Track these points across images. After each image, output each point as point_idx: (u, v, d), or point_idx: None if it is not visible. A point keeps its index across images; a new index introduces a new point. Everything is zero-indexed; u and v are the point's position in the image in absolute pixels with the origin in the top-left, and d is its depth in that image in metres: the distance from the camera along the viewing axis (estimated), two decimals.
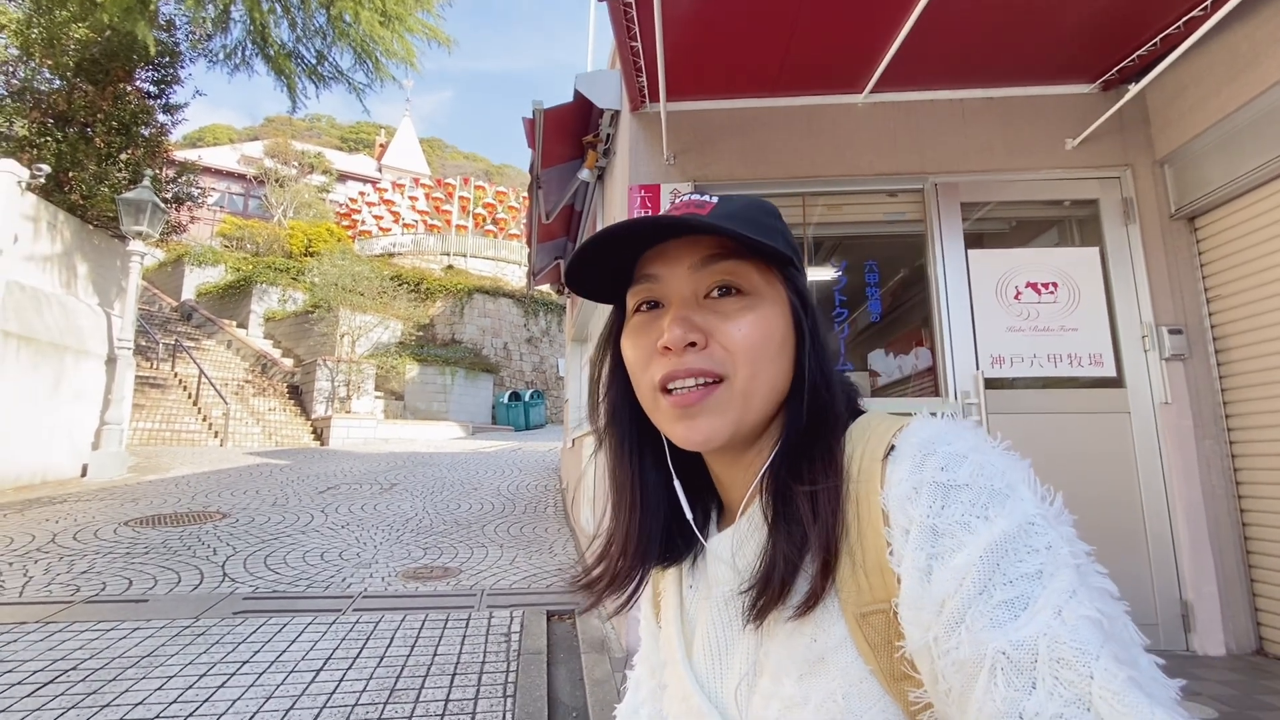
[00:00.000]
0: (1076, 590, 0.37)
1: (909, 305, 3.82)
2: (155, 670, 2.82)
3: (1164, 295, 3.07)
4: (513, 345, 19.87)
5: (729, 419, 0.51)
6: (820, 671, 0.46)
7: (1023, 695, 0.35)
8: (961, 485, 0.42)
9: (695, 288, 0.54)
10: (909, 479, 0.44)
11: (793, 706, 0.47)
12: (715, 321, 0.52)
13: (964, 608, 0.38)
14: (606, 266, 0.57)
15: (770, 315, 0.53)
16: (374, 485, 7.86)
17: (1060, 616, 0.36)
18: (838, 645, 0.46)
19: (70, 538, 5.06)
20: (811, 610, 0.47)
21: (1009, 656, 0.36)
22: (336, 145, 44.44)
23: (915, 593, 0.41)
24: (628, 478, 0.61)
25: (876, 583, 0.45)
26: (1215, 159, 2.89)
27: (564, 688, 2.80)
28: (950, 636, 0.39)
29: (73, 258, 8.57)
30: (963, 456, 0.44)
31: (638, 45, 2.84)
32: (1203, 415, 2.97)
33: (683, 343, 0.51)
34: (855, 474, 0.48)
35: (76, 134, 8.75)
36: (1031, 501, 0.41)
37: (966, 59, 3.10)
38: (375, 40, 10.35)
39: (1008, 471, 0.43)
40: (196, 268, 19.49)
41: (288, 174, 29.69)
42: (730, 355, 0.51)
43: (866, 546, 0.46)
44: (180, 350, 13.84)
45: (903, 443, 0.47)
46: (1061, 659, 0.35)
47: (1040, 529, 0.40)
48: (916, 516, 0.42)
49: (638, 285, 0.56)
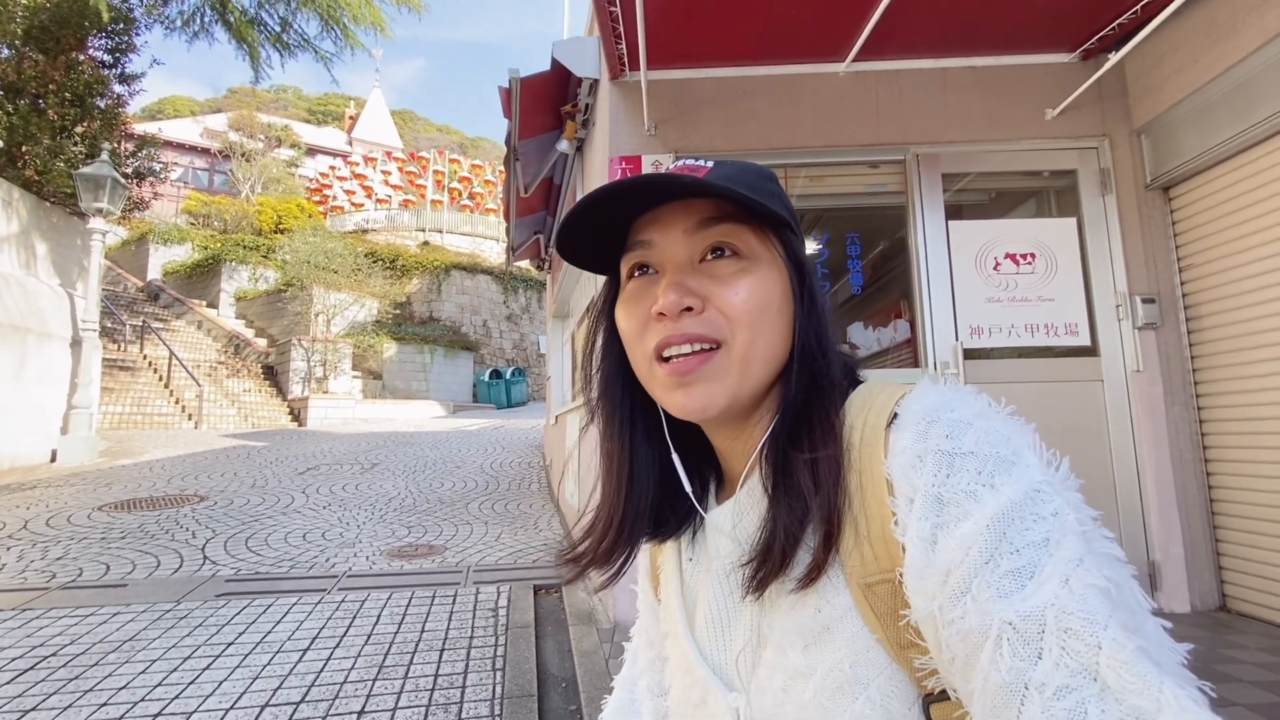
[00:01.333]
0: (1083, 558, 0.36)
1: (889, 277, 3.84)
2: (138, 654, 2.79)
3: (1138, 265, 3.13)
4: (492, 322, 19.68)
5: (727, 386, 0.50)
6: (826, 641, 0.46)
7: (1028, 666, 0.35)
8: (967, 453, 0.41)
9: (690, 252, 0.52)
10: (913, 447, 0.43)
11: (798, 677, 0.47)
12: (711, 286, 0.51)
13: (970, 577, 0.38)
14: (598, 233, 0.55)
15: (768, 279, 0.51)
16: (355, 465, 7.79)
17: (1068, 585, 0.35)
18: (843, 615, 0.45)
19: (43, 524, 4.95)
20: (814, 582, 0.46)
21: (1015, 627, 0.35)
22: (304, 118, 42.95)
23: (920, 562, 0.41)
24: (619, 451, 0.60)
25: (881, 552, 0.44)
26: (1190, 129, 2.92)
27: (552, 659, 2.84)
28: (955, 606, 0.38)
29: (30, 237, 8.24)
30: (967, 423, 0.43)
31: (616, 10, 2.77)
32: (1173, 382, 3.05)
33: (678, 308, 0.50)
34: (857, 442, 0.47)
35: (28, 106, 8.34)
36: (1037, 468, 0.41)
37: (948, 27, 3.07)
38: (342, 6, 9.98)
39: (1013, 438, 0.42)
40: (162, 246, 18.86)
41: (254, 148, 28.65)
42: (728, 320, 0.50)
43: (870, 516, 0.45)
44: (149, 332, 13.45)
45: (906, 410, 0.46)
46: (1069, 629, 0.34)
47: (1046, 496, 0.39)
48: (921, 485, 0.42)
49: (631, 251, 0.55)
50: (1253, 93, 2.62)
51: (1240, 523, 2.85)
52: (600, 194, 0.50)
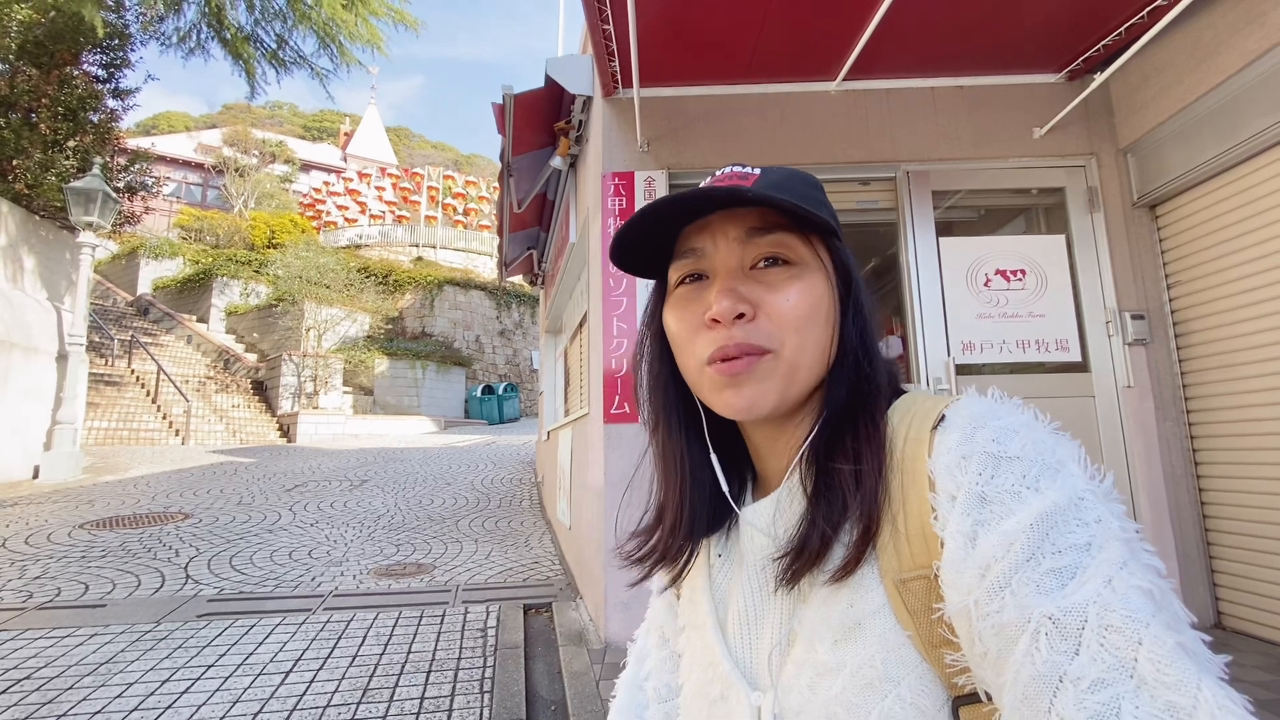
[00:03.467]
0: (1127, 562, 0.37)
1: (881, 294, 3.85)
2: (115, 677, 2.72)
3: (1127, 282, 3.15)
4: (485, 338, 19.62)
5: (774, 387, 0.51)
6: (856, 637, 0.46)
7: (1065, 659, 0.35)
8: (1013, 457, 0.42)
9: (741, 260, 0.54)
10: (958, 448, 0.44)
11: (826, 673, 0.47)
12: (762, 292, 0.52)
13: (1010, 573, 0.38)
14: (649, 242, 0.57)
15: (817, 285, 0.53)
16: (344, 482, 7.70)
17: (1111, 585, 0.36)
18: (875, 611, 0.46)
19: (22, 542, 4.85)
20: (849, 575, 0.47)
21: (1055, 621, 0.36)
22: (299, 134, 43.11)
23: (958, 556, 0.41)
24: (676, 452, 0.61)
25: (919, 549, 0.45)
26: (1175, 148, 2.96)
27: (542, 681, 2.78)
28: (993, 600, 0.39)
29: (18, 250, 8.18)
30: (1014, 431, 0.44)
31: (609, 28, 2.79)
32: (1163, 398, 3.06)
33: (731, 314, 0.51)
34: (900, 444, 0.48)
35: (20, 120, 8.32)
36: (1082, 478, 0.41)
37: (937, 48, 3.11)
38: (339, 24, 10.05)
39: (1059, 448, 0.43)
40: (153, 260, 18.74)
41: (248, 163, 28.66)
42: (778, 327, 0.51)
43: (910, 512, 0.46)
44: (137, 346, 13.32)
45: (953, 414, 0.47)
46: (1110, 625, 0.35)
47: (1090, 503, 0.40)
48: (965, 483, 0.42)
49: (681, 259, 0.56)
50: (1236, 112, 2.66)
51: (1234, 539, 2.84)
52: (657, 208, 0.52)
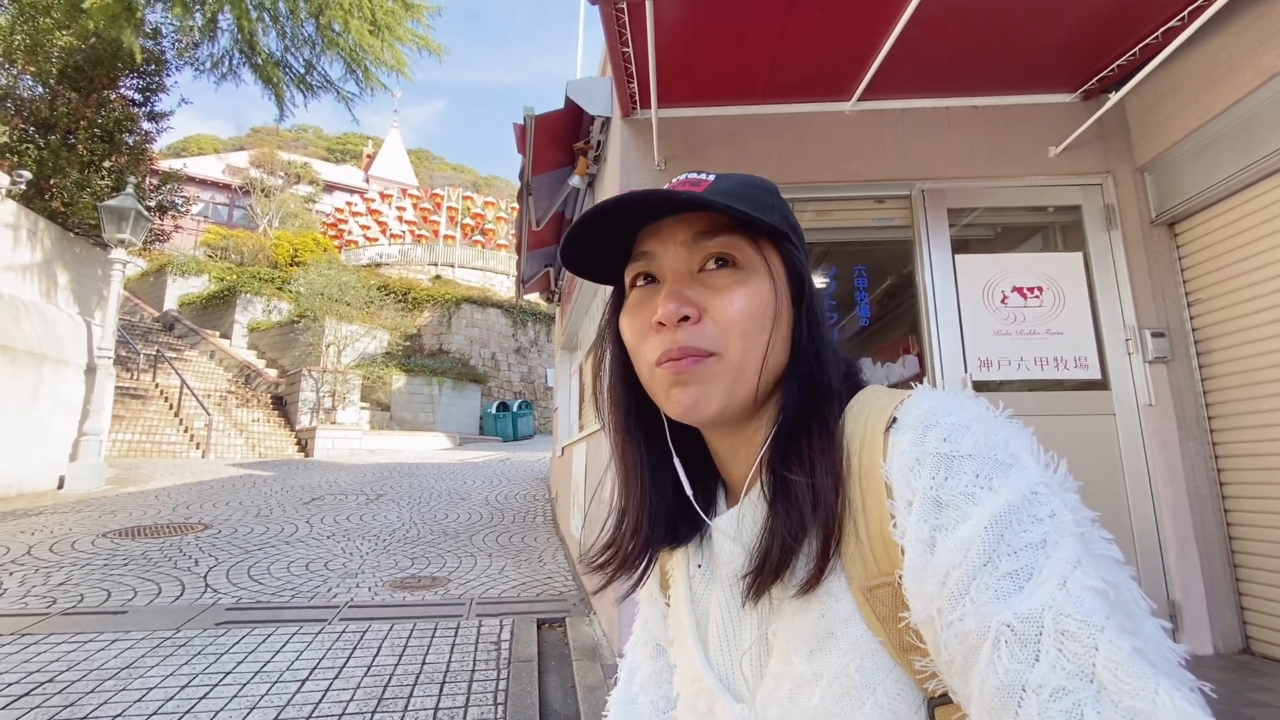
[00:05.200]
0: (1081, 560, 0.37)
1: (897, 313, 3.86)
2: (135, 682, 2.75)
3: (1146, 299, 3.13)
4: (501, 355, 19.77)
5: (719, 390, 0.51)
6: (830, 647, 0.46)
7: (1025, 668, 0.35)
8: (965, 456, 0.42)
9: (690, 263, 0.54)
10: (911, 450, 0.44)
11: (804, 684, 0.46)
12: (708, 295, 0.52)
13: (968, 580, 0.38)
14: (603, 245, 0.58)
15: (762, 288, 0.53)
16: (360, 496, 7.76)
17: (1065, 588, 0.36)
18: (846, 619, 0.46)
19: (47, 550, 4.94)
20: (815, 587, 0.46)
21: (1013, 629, 0.36)
22: (324, 156, 44.19)
23: (918, 565, 0.41)
24: (634, 457, 0.61)
25: (881, 556, 0.44)
26: (1193, 166, 2.96)
27: (555, 695, 2.77)
28: (954, 609, 0.39)
29: (53, 266, 8.44)
30: (965, 426, 0.43)
31: (629, 51, 2.86)
32: (1186, 417, 3.02)
33: (675, 317, 0.51)
34: (857, 449, 0.48)
35: (59, 141, 8.65)
36: (1035, 470, 0.41)
37: (951, 69, 3.15)
38: (365, 49, 10.36)
39: (1011, 440, 0.43)
40: (180, 277, 19.22)
41: (273, 184, 29.42)
42: (722, 330, 0.51)
43: (870, 520, 0.45)
44: (162, 361, 13.61)
45: (904, 414, 0.46)
46: (1066, 631, 0.35)
47: (1044, 498, 0.39)
48: (919, 488, 0.42)
49: (634, 262, 0.57)
50: (1254, 130, 2.66)
51: (1262, 561, 2.77)
52: (603, 207, 0.53)
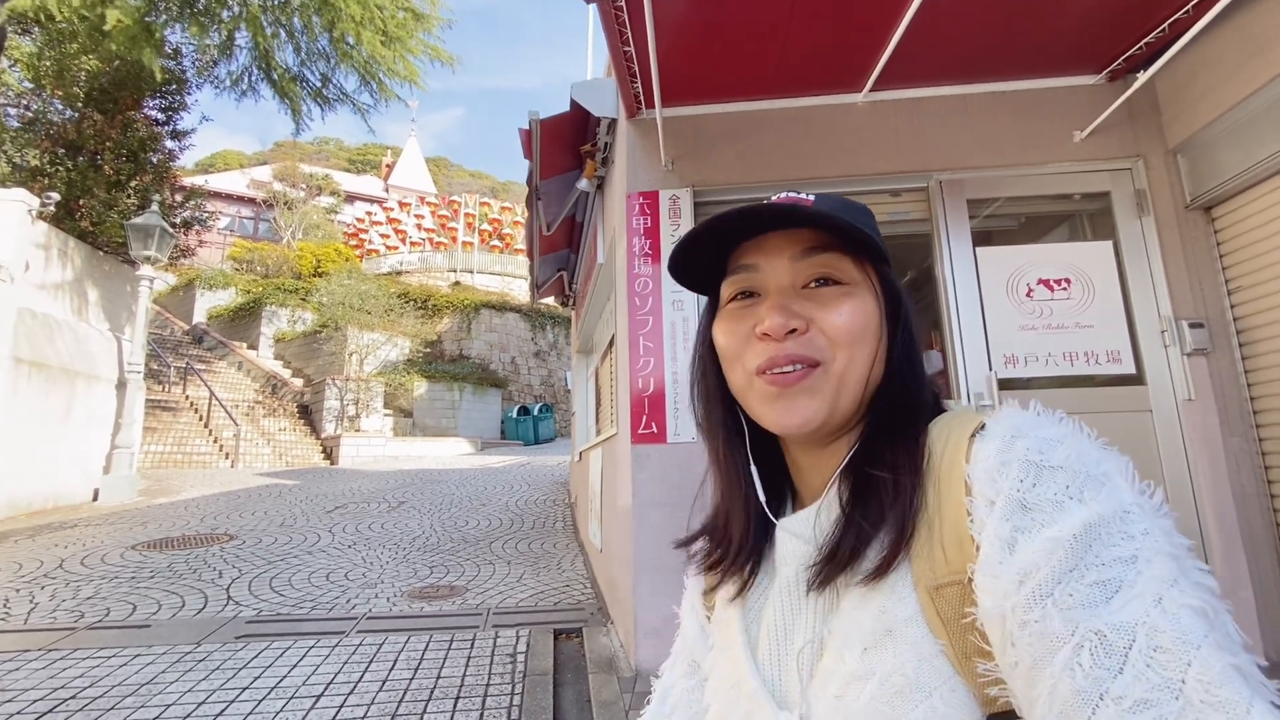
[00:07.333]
0: (1178, 579, 0.36)
1: (919, 307, 3.72)
2: (154, 698, 2.77)
3: (1182, 288, 2.97)
4: (520, 359, 19.86)
5: (824, 401, 0.51)
6: (887, 645, 0.45)
7: (1109, 676, 0.34)
8: (1056, 467, 0.41)
9: (793, 278, 0.55)
10: (998, 454, 0.43)
11: (855, 681, 0.46)
12: (814, 309, 0.53)
13: (1052, 582, 0.37)
14: (705, 257, 0.58)
15: (868, 304, 0.54)
16: (382, 503, 7.82)
17: (1161, 605, 0.35)
18: (908, 619, 0.45)
19: (78, 563, 5.04)
20: (883, 576, 0.46)
21: (1102, 636, 0.35)
22: (344, 167, 44.94)
23: (994, 559, 0.40)
24: (734, 463, 0.61)
25: (954, 554, 0.44)
26: (1230, 146, 2.79)
27: (571, 710, 2.71)
28: (1033, 609, 0.38)
29: (83, 284, 8.66)
30: (1058, 440, 0.43)
31: (630, 50, 2.80)
32: (1229, 412, 2.85)
33: (784, 330, 0.52)
34: (939, 453, 0.48)
35: (86, 162, 8.88)
36: (1128, 491, 0.40)
37: (967, 53, 3.03)
38: (378, 61, 10.46)
39: (1104, 461, 0.42)
40: (207, 291, 19.67)
41: (296, 196, 29.97)
42: (830, 341, 0.52)
43: (945, 518, 0.45)
44: (191, 373, 13.92)
45: (994, 423, 0.46)
46: (1160, 647, 0.34)
47: (1137, 517, 0.39)
48: (1005, 489, 0.42)
49: (734, 275, 0.57)
50: None
51: None
52: (719, 220, 0.53)
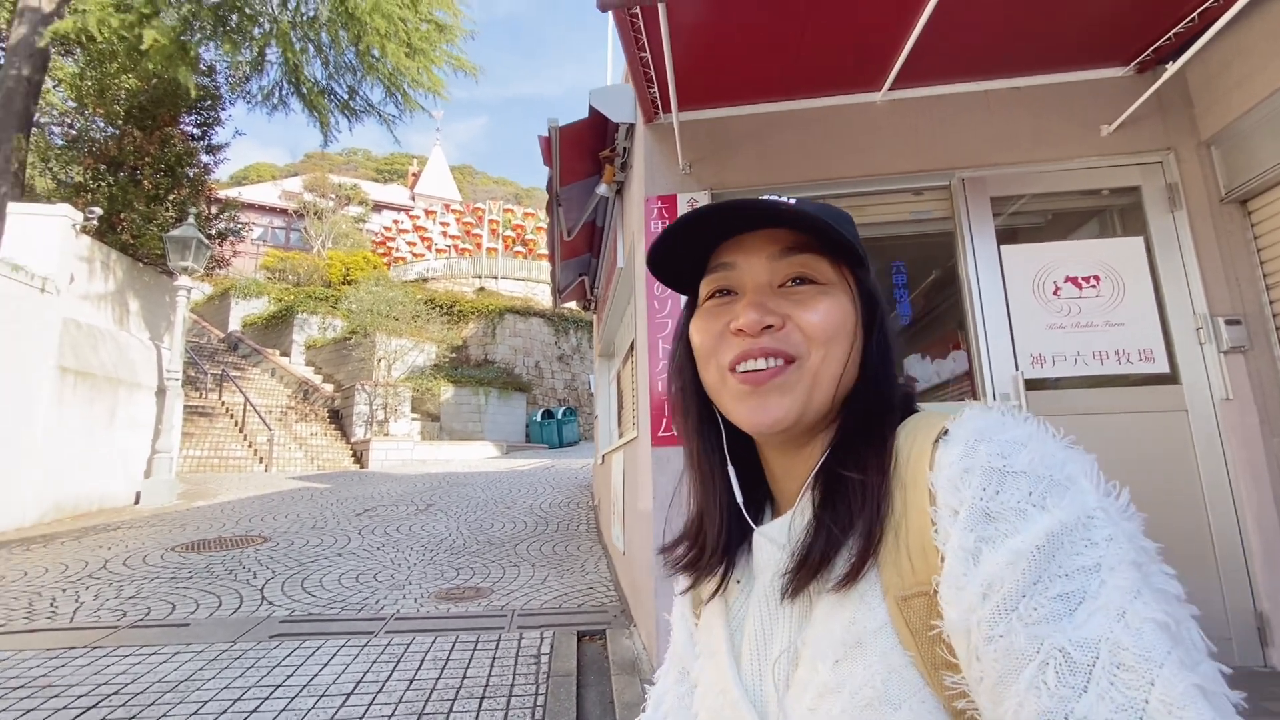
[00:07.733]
0: (1140, 590, 0.35)
1: (944, 307, 3.68)
2: (192, 695, 2.86)
3: (1218, 284, 2.88)
4: (544, 363, 20.02)
5: (797, 399, 0.51)
6: (857, 656, 0.45)
7: (1073, 695, 0.34)
8: (1019, 472, 0.41)
9: (771, 277, 0.55)
10: (960, 461, 0.43)
11: (827, 693, 0.46)
12: (790, 306, 0.53)
13: (1016, 596, 0.37)
14: (686, 255, 0.59)
15: (844, 304, 0.54)
16: (410, 506, 7.95)
17: (1124, 620, 0.34)
18: (877, 630, 0.45)
19: (121, 563, 5.23)
20: (853, 583, 0.46)
21: (1067, 654, 0.35)
22: (372, 177, 45.92)
23: (958, 572, 0.40)
24: (710, 464, 0.61)
25: (920, 564, 0.44)
26: (1266, 137, 2.71)
27: (594, 711, 2.73)
28: (998, 623, 0.37)
29: (124, 295, 8.99)
30: (1021, 444, 0.42)
31: (646, 55, 2.82)
32: (1269, 411, 2.76)
33: (759, 326, 0.52)
34: (905, 459, 0.48)
35: (126, 177, 9.22)
36: (1093, 494, 0.40)
37: (989, 48, 2.99)
38: (402, 73, 10.65)
39: (1068, 463, 0.41)
40: (242, 300, 20.25)
41: (326, 206, 30.71)
42: (805, 338, 0.52)
43: (911, 527, 0.45)
44: (227, 380, 14.34)
45: (956, 428, 0.46)
46: (1122, 664, 0.33)
47: (1100, 522, 0.38)
48: (967, 498, 0.41)
49: (713, 273, 0.58)
50: None
51: None
52: (697, 215, 0.54)
